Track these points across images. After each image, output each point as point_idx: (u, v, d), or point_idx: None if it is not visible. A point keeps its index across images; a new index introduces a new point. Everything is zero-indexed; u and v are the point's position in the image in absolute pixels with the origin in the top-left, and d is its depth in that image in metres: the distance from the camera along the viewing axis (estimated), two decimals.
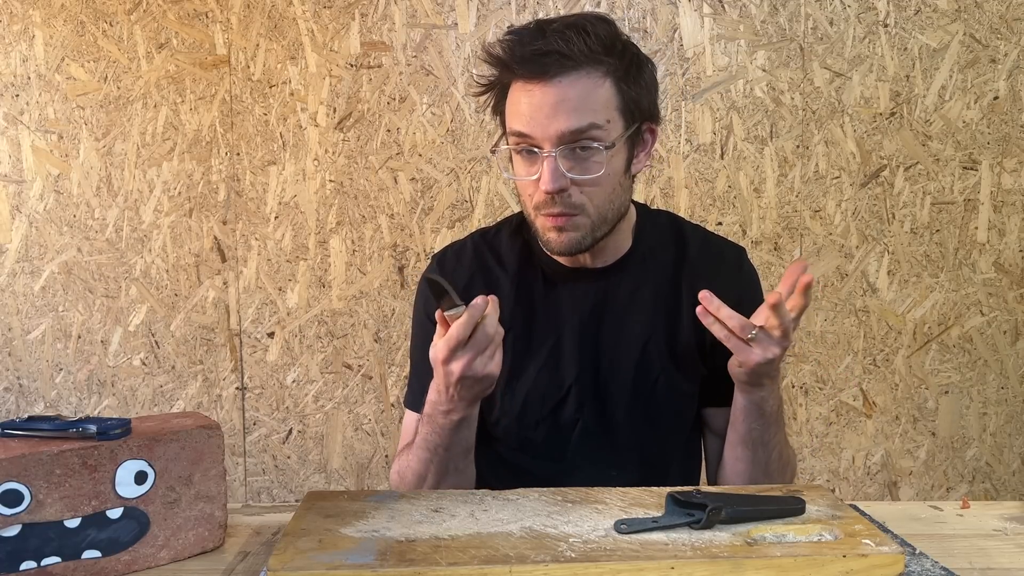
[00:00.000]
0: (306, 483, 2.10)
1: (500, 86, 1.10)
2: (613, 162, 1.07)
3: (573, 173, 1.05)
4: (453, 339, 0.96)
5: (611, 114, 1.06)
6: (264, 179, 2.04)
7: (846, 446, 2.09)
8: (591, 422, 1.17)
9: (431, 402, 1.05)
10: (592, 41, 1.04)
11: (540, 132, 1.04)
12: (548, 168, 1.04)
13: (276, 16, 2.00)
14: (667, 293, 1.18)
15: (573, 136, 1.04)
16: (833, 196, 2.03)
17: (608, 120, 1.05)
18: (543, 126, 1.04)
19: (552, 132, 1.03)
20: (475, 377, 0.98)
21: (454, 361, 0.97)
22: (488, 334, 0.97)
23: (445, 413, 1.04)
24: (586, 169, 1.05)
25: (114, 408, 2.07)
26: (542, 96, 1.04)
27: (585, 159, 1.05)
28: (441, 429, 1.06)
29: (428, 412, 1.07)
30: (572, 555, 0.76)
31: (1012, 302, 2.06)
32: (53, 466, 0.79)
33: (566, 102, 1.03)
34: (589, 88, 1.04)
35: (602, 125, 1.05)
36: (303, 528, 0.82)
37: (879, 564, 0.77)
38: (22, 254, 2.05)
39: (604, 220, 1.10)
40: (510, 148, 1.09)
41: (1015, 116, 2.02)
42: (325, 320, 2.06)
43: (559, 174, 1.04)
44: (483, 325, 0.97)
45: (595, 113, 1.04)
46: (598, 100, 1.05)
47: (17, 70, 2.01)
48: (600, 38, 1.05)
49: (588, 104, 1.04)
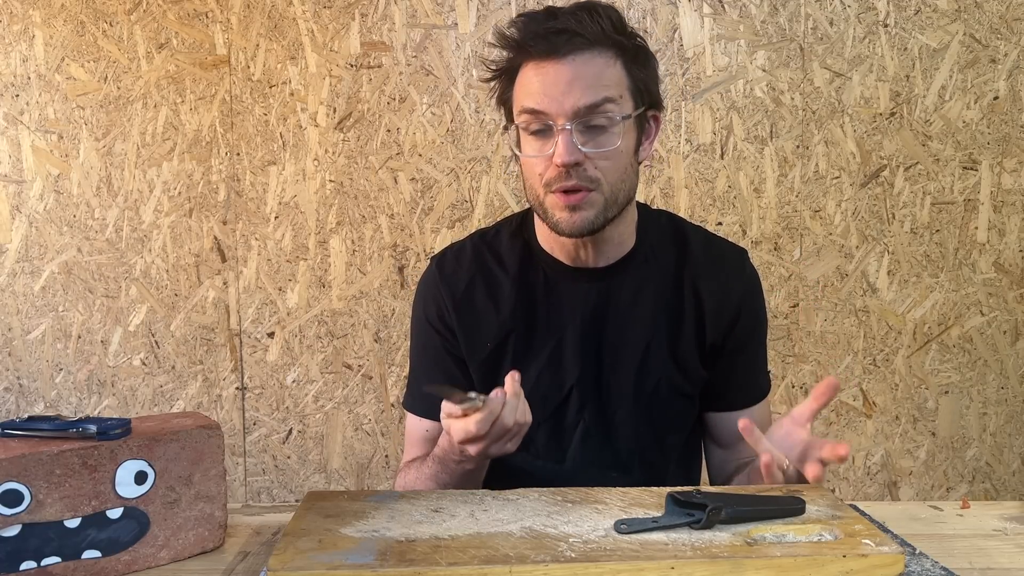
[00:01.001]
0: (306, 483, 2.10)
1: (509, 71, 1.10)
2: (626, 138, 1.08)
3: (588, 147, 1.05)
4: (471, 433, 0.95)
5: (623, 92, 1.07)
6: (264, 179, 2.04)
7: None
8: (592, 424, 1.16)
9: (443, 448, 1.05)
10: (604, 22, 1.06)
11: (555, 108, 1.04)
12: (563, 141, 1.04)
13: (276, 16, 2.00)
14: (669, 295, 1.18)
15: (588, 111, 1.04)
16: (833, 196, 2.03)
17: (621, 96, 1.07)
18: (558, 101, 1.04)
19: (568, 107, 1.04)
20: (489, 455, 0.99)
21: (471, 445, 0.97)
22: (506, 426, 0.96)
23: (457, 462, 1.04)
24: (600, 143, 1.06)
25: (114, 408, 2.07)
26: (556, 73, 1.05)
27: (600, 133, 1.06)
28: (451, 473, 1.06)
29: (439, 455, 1.06)
30: (572, 555, 0.76)
31: (1012, 302, 2.06)
32: (53, 466, 0.79)
33: (580, 79, 1.04)
34: (602, 66, 1.06)
35: (616, 99, 1.06)
36: (303, 528, 0.82)
37: (879, 564, 0.77)
38: (22, 254, 2.05)
39: (615, 200, 1.09)
40: (518, 127, 1.09)
41: (1015, 116, 2.02)
42: (325, 320, 2.06)
43: (573, 147, 1.04)
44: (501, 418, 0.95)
45: (608, 88, 1.06)
46: (611, 78, 1.06)
47: (17, 70, 2.01)
48: (612, 20, 1.07)
49: (601, 80, 1.05)
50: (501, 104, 1.14)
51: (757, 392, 1.22)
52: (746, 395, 1.21)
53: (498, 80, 1.12)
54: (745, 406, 1.20)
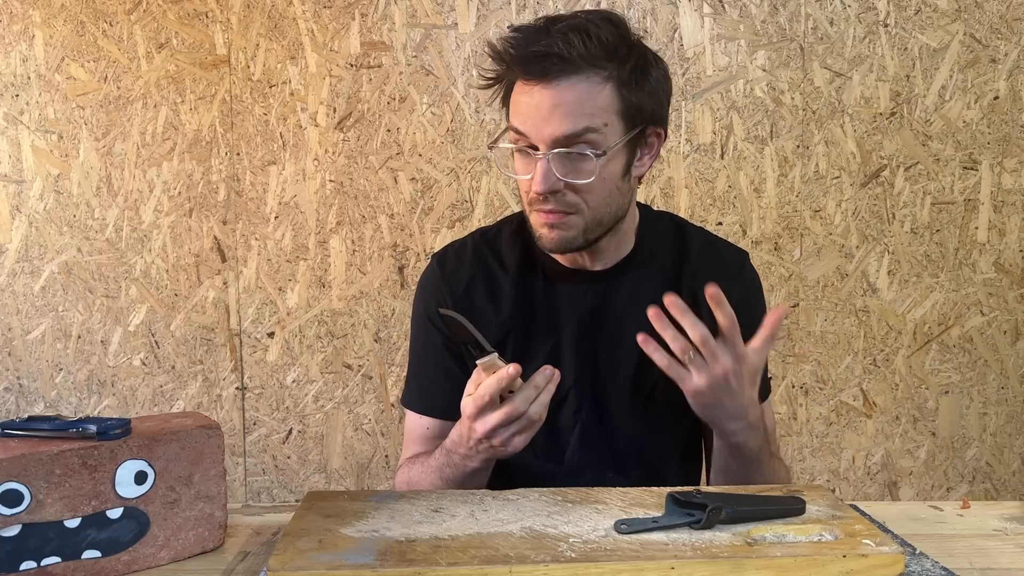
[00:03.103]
0: (306, 483, 2.10)
1: (507, 80, 1.10)
2: (609, 167, 1.06)
3: (567, 176, 1.04)
4: (481, 399, 0.95)
5: (610, 118, 1.05)
6: (264, 179, 2.04)
7: (846, 446, 2.09)
8: (589, 424, 1.16)
9: (452, 440, 1.05)
10: (594, 45, 1.03)
11: (535, 133, 1.04)
12: (540, 170, 1.04)
13: (276, 16, 2.00)
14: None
15: (567, 140, 1.03)
16: (833, 196, 2.03)
17: (606, 124, 1.05)
18: (538, 128, 1.04)
19: (546, 135, 1.03)
20: (494, 444, 0.98)
21: (479, 420, 0.97)
22: (530, 417, 0.96)
23: (463, 457, 1.04)
24: (580, 172, 1.05)
25: (114, 408, 2.07)
26: (540, 98, 1.03)
27: (580, 161, 1.05)
28: (456, 468, 1.06)
29: (448, 447, 1.06)
30: (572, 555, 0.76)
31: (1012, 302, 2.06)
32: (53, 466, 0.79)
33: (562, 106, 1.03)
34: (587, 92, 1.03)
35: (598, 128, 1.04)
36: (303, 528, 0.82)
37: (879, 564, 0.77)
38: (22, 254, 2.05)
39: (599, 223, 1.09)
40: (511, 143, 1.09)
41: (1015, 116, 2.02)
42: (325, 320, 2.06)
43: (551, 177, 1.04)
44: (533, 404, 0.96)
45: (591, 117, 1.03)
46: (596, 104, 1.04)
47: (17, 70, 2.01)
48: (603, 42, 1.04)
49: (584, 108, 1.03)
50: (504, 106, 1.13)
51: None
52: None
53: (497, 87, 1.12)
54: None
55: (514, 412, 0.96)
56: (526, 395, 0.96)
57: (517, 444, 0.98)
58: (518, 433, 0.97)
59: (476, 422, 0.97)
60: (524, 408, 0.96)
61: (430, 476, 1.09)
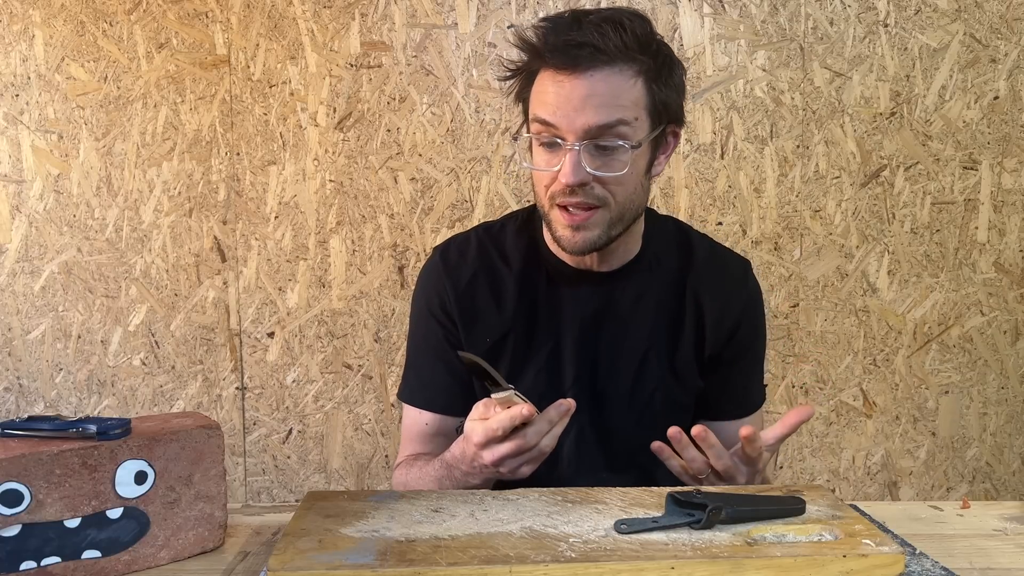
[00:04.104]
0: (306, 483, 2.10)
1: (528, 72, 1.08)
2: (637, 162, 1.05)
3: (596, 169, 1.03)
4: (493, 432, 0.93)
5: (639, 113, 1.04)
6: (264, 179, 2.04)
7: (846, 446, 2.09)
8: (587, 427, 1.16)
9: (454, 456, 1.03)
10: (628, 37, 1.02)
11: (566, 124, 1.02)
12: (570, 161, 1.02)
13: (276, 16, 2.00)
14: (670, 303, 1.17)
15: (599, 131, 1.02)
16: (833, 196, 2.03)
17: (636, 118, 1.04)
18: (570, 118, 1.02)
19: (578, 125, 1.02)
20: (501, 471, 0.97)
21: (487, 449, 0.95)
22: (540, 449, 0.95)
23: (464, 474, 1.02)
24: (610, 167, 1.03)
25: (114, 408, 2.07)
26: (571, 88, 1.02)
27: (609, 156, 1.03)
28: (456, 482, 1.04)
29: (449, 461, 1.04)
30: (572, 555, 0.76)
31: (1012, 302, 2.06)
32: (53, 466, 0.79)
33: (595, 96, 1.01)
34: (620, 85, 1.02)
35: (630, 122, 1.03)
36: (303, 528, 0.82)
37: (879, 564, 0.77)
38: (22, 254, 2.05)
39: (622, 219, 1.08)
40: (531, 136, 1.07)
41: (1015, 116, 2.02)
42: (325, 320, 2.06)
43: (580, 168, 1.02)
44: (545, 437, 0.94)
45: (624, 110, 1.02)
46: (628, 97, 1.03)
47: (17, 70, 2.01)
48: (636, 35, 1.03)
49: (618, 100, 1.02)
50: (519, 101, 1.11)
51: (749, 405, 1.22)
52: (738, 407, 1.21)
53: (517, 78, 1.10)
54: (735, 418, 1.20)
55: (525, 446, 0.94)
56: (538, 429, 0.94)
57: (524, 472, 0.97)
58: (527, 463, 0.96)
59: (484, 451, 0.95)
60: (535, 442, 0.94)
61: (428, 486, 1.08)
